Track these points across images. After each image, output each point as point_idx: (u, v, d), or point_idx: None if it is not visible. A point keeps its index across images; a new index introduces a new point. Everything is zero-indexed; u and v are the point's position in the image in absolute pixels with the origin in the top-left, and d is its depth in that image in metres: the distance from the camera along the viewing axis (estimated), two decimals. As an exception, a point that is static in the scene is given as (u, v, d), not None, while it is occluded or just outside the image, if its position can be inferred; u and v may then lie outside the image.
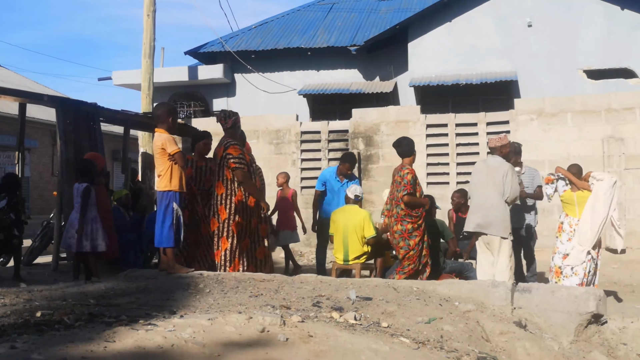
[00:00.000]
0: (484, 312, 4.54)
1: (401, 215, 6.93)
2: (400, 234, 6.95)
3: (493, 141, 7.42)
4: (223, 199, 6.69)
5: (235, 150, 6.67)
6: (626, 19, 13.10)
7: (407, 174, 6.98)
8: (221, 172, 6.72)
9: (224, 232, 6.66)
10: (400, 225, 6.94)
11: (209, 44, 16.17)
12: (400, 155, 7.25)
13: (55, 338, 2.99)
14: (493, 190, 6.98)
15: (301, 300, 4.29)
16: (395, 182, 7.09)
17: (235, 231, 6.64)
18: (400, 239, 6.95)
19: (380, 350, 3.24)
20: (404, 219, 6.92)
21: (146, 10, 13.14)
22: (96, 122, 8.81)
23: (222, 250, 6.64)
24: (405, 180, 6.91)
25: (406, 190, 6.87)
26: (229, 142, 6.77)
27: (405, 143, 7.28)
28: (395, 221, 6.98)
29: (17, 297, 4.27)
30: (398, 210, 6.97)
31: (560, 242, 7.63)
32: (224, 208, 6.67)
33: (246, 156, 6.82)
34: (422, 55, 13.91)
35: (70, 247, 7.21)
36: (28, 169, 21.91)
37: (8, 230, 7.50)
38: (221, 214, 6.68)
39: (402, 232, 6.94)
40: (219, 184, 6.75)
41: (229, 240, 6.66)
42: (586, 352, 4.38)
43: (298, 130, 13.19)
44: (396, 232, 6.97)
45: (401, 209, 6.93)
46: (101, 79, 17.19)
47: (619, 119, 11.55)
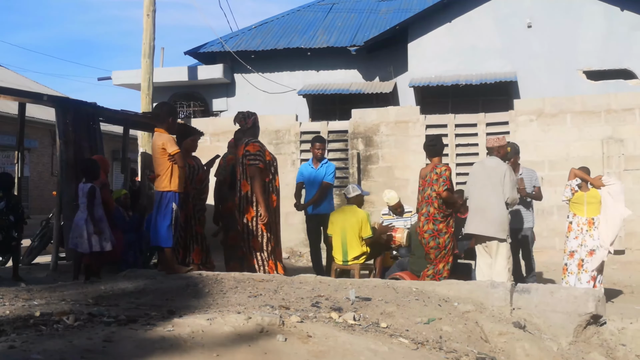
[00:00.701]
0: (483, 313, 4.54)
1: (433, 214, 6.89)
2: (430, 233, 6.89)
3: (491, 141, 7.43)
4: (249, 198, 6.74)
5: (254, 148, 6.78)
6: (626, 20, 13.10)
7: (444, 170, 6.95)
8: (245, 171, 6.79)
9: (253, 232, 6.69)
10: (432, 224, 6.89)
11: (208, 44, 16.16)
12: (433, 155, 7.19)
13: (54, 338, 2.99)
14: (491, 192, 6.97)
15: (300, 301, 4.29)
16: (429, 180, 6.99)
17: (264, 230, 6.68)
18: (431, 239, 6.89)
19: (379, 351, 3.24)
20: (436, 217, 6.88)
21: (146, 10, 13.14)
22: (96, 122, 8.80)
23: (255, 250, 6.68)
24: (444, 177, 6.88)
25: (446, 185, 6.83)
26: (249, 140, 6.90)
27: (439, 143, 7.27)
28: (426, 220, 6.92)
29: (16, 297, 4.27)
30: (429, 209, 6.92)
31: (568, 240, 7.71)
32: (251, 207, 6.71)
33: (266, 155, 6.88)
34: (422, 56, 13.91)
35: (77, 247, 7.12)
36: (28, 168, 21.91)
37: (7, 232, 7.50)
38: (247, 214, 6.71)
39: (433, 231, 6.89)
40: (244, 183, 6.80)
41: (258, 239, 6.70)
42: (585, 353, 4.38)
43: (298, 131, 13.19)
44: (426, 231, 6.91)
45: (434, 207, 6.89)
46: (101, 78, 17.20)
47: (619, 119, 11.55)
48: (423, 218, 6.95)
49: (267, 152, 6.98)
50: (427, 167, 7.20)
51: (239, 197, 6.80)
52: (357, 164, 12.60)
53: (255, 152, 6.74)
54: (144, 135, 12.67)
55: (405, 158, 12.39)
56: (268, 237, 6.70)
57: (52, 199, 16.46)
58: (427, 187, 6.99)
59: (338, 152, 12.97)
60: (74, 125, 8.32)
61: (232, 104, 15.57)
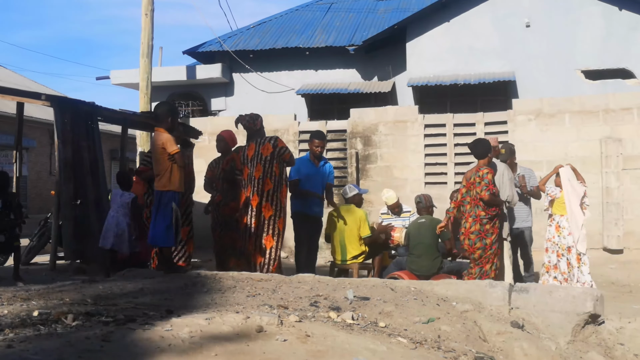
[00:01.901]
0: (481, 312, 4.55)
1: (480, 215, 6.92)
2: (477, 234, 6.93)
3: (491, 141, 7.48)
4: (270, 195, 6.79)
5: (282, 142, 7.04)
6: (624, 20, 13.12)
7: (487, 173, 6.97)
8: (270, 168, 6.85)
9: (270, 230, 6.72)
10: (479, 225, 6.92)
11: (207, 43, 16.16)
12: (477, 157, 7.19)
13: (52, 338, 2.99)
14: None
15: (299, 300, 4.28)
16: (473, 183, 7.01)
17: (281, 228, 6.75)
18: (477, 239, 6.92)
19: (377, 350, 3.24)
20: (483, 219, 6.92)
21: (144, 9, 13.12)
22: (94, 122, 8.79)
23: (268, 248, 6.70)
24: (487, 180, 6.91)
25: (489, 189, 6.87)
26: (275, 137, 7.07)
27: (481, 145, 7.24)
28: (474, 221, 6.95)
29: (14, 297, 4.26)
30: (476, 211, 6.94)
31: (562, 237, 7.74)
32: (270, 205, 6.76)
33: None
34: (421, 56, 13.92)
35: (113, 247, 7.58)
36: (26, 168, 21.88)
37: (9, 231, 7.48)
38: (265, 211, 6.74)
39: (480, 232, 6.93)
40: (267, 181, 6.84)
41: (274, 238, 6.71)
42: (583, 353, 4.38)
43: (296, 130, 13.18)
44: (473, 232, 6.94)
45: (481, 209, 6.92)
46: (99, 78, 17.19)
47: (617, 119, 11.56)
48: (470, 219, 6.97)
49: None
50: (472, 169, 7.22)
51: (259, 194, 6.80)
52: (355, 164, 12.60)
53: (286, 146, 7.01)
54: (142, 134, 12.66)
55: (404, 157, 12.39)
56: (281, 237, 6.77)
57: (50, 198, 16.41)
58: (471, 190, 7.01)
59: (336, 152, 12.96)
60: (72, 124, 8.31)
61: (231, 103, 15.57)
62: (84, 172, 8.29)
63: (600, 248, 11.38)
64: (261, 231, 6.72)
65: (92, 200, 8.27)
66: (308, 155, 8.05)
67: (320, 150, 8.00)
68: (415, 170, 12.37)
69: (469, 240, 6.96)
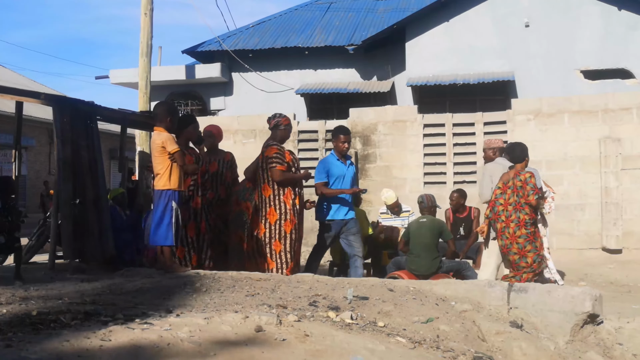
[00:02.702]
0: (480, 312, 4.55)
1: (524, 220, 6.89)
2: (526, 238, 6.89)
3: (497, 142, 7.57)
4: (271, 201, 6.72)
5: (270, 151, 6.80)
6: (623, 20, 13.13)
7: (530, 177, 6.95)
8: (265, 174, 6.79)
9: (276, 235, 6.65)
10: (525, 229, 6.89)
11: (206, 42, 16.15)
12: (514, 161, 7.18)
13: (51, 337, 2.99)
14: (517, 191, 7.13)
15: (298, 300, 4.28)
16: (511, 187, 6.99)
17: (288, 231, 6.65)
18: (527, 243, 6.89)
19: (376, 350, 3.24)
20: (527, 222, 6.90)
21: (143, 9, 13.11)
22: (93, 121, 8.76)
23: (277, 252, 6.64)
24: (532, 184, 6.89)
25: (535, 193, 6.87)
26: (267, 142, 6.95)
27: (519, 149, 7.23)
28: (517, 226, 6.90)
29: (13, 296, 4.26)
30: (519, 216, 6.90)
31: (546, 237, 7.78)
32: (274, 210, 6.68)
33: (286, 156, 6.87)
34: (420, 55, 13.92)
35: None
36: (25, 167, 21.89)
37: (9, 234, 7.48)
38: (270, 217, 6.67)
39: (528, 235, 6.90)
40: (265, 186, 6.77)
41: (281, 242, 6.64)
42: (582, 352, 4.38)
43: (295, 130, 13.16)
44: (520, 237, 6.89)
45: (524, 213, 6.89)
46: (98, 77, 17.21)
47: (616, 119, 11.56)
48: (513, 224, 6.91)
49: (287, 153, 6.96)
50: (509, 172, 7.17)
51: (260, 200, 6.77)
52: (354, 163, 12.59)
53: (272, 155, 6.75)
54: (142, 134, 12.64)
55: (403, 157, 12.39)
56: (293, 239, 6.68)
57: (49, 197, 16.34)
58: (511, 194, 6.96)
59: (336, 151, 12.96)
60: (72, 124, 8.29)
61: (230, 102, 15.57)
62: (83, 171, 8.27)
63: (599, 248, 11.39)
64: (271, 237, 6.67)
65: (91, 200, 8.25)
66: (333, 154, 7.47)
67: (347, 146, 7.51)
68: (415, 170, 12.36)
69: (518, 244, 6.90)
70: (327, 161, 7.43)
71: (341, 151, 7.39)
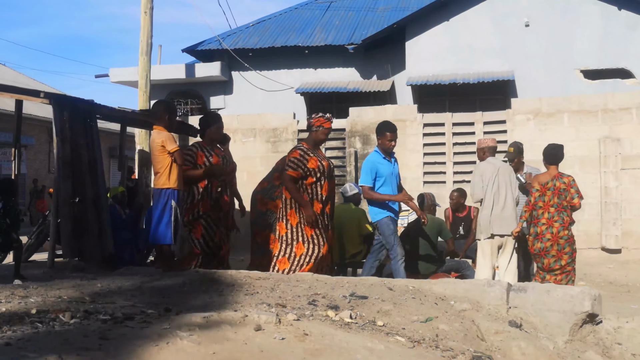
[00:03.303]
0: (479, 312, 4.55)
1: (568, 221, 7.03)
2: (567, 239, 7.02)
3: (491, 142, 7.54)
4: (293, 203, 6.51)
5: (292, 154, 6.64)
6: (623, 19, 13.13)
7: (573, 180, 7.11)
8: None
9: (299, 237, 6.45)
10: (567, 231, 7.03)
11: (206, 41, 16.15)
12: (554, 162, 7.27)
13: (50, 335, 2.99)
14: (508, 191, 7.22)
15: (297, 299, 4.28)
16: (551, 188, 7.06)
17: (309, 235, 6.44)
18: (567, 244, 7.02)
19: (375, 349, 3.24)
20: (570, 224, 7.07)
21: (143, 7, 13.10)
22: (93, 120, 8.77)
23: (298, 256, 6.44)
24: (576, 187, 7.04)
25: (580, 196, 7.01)
26: (297, 145, 6.86)
27: (561, 151, 7.38)
28: (561, 227, 7.00)
29: (12, 294, 4.26)
30: (563, 217, 7.01)
31: None
32: (295, 212, 6.50)
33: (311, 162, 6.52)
34: (420, 55, 13.92)
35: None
36: (24, 166, 21.88)
37: (7, 234, 7.48)
38: (291, 219, 6.49)
39: (569, 237, 7.04)
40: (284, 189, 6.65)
41: (305, 245, 6.44)
42: (581, 352, 4.38)
43: (295, 129, 13.18)
44: (562, 237, 7.00)
45: (567, 215, 7.01)
46: (98, 76, 17.16)
47: (616, 119, 11.57)
48: (557, 225, 7.01)
49: (315, 159, 6.59)
50: (545, 174, 7.27)
51: (283, 200, 6.62)
52: (354, 163, 12.60)
53: (290, 159, 6.57)
54: (141, 132, 12.65)
55: (403, 157, 12.36)
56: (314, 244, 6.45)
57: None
58: (551, 195, 7.04)
59: (335, 151, 12.97)
60: (71, 122, 8.29)
61: (230, 101, 15.57)
62: (82, 170, 8.28)
63: (599, 248, 11.40)
64: (291, 239, 6.49)
65: (90, 198, 8.26)
66: (378, 152, 7.03)
67: (395, 144, 7.04)
68: (414, 169, 12.37)
69: (558, 245, 7.00)
70: (374, 160, 6.97)
71: (388, 149, 6.97)
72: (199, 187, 6.64)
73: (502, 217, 7.23)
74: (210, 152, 6.75)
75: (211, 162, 6.68)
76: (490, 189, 7.24)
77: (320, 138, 6.79)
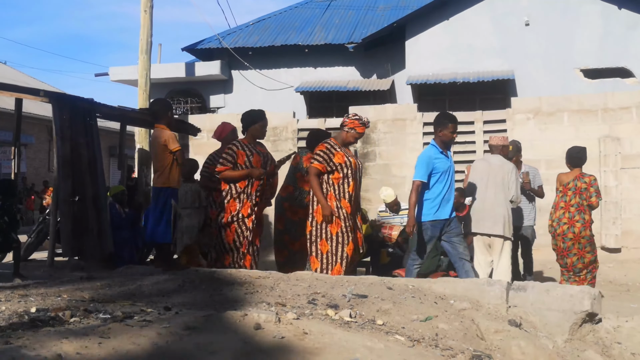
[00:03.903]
0: (479, 311, 4.55)
1: (590, 221, 7.12)
2: (588, 239, 7.11)
3: (495, 140, 7.38)
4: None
5: (318, 147, 6.39)
6: (623, 19, 13.13)
7: (594, 180, 7.19)
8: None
9: (322, 234, 6.27)
10: (589, 230, 7.12)
11: (206, 40, 16.14)
12: (576, 164, 7.36)
13: (50, 334, 2.99)
14: (497, 190, 6.97)
15: (296, 298, 4.28)
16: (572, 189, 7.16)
17: (334, 233, 6.24)
18: (588, 244, 7.11)
19: (375, 348, 3.24)
20: (591, 223, 7.15)
21: (143, 6, 13.10)
22: (93, 118, 8.77)
23: (323, 253, 6.27)
24: (596, 186, 7.14)
25: (598, 196, 7.11)
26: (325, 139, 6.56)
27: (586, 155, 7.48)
28: (583, 227, 7.09)
29: (12, 293, 4.26)
30: (584, 217, 7.10)
31: None
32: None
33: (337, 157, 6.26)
34: (420, 54, 13.92)
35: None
36: (24, 164, 21.87)
37: (6, 234, 7.48)
38: (317, 215, 6.28)
39: (590, 237, 7.14)
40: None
41: (328, 242, 6.26)
42: (581, 351, 4.38)
43: (295, 128, 13.18)
44: (584, 237, 7.09)
45: (588, 215, 7.10)
46: (98, 74, 17.14)
47: (616, 118, 11.56)
48: (579, 225, 7.09)
49: (341, 153, 6.32)
50: (567, 174, 7.35)
51: (311, 199, 6.44)
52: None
53: (316, 152, 6.34)
54: (141, 131, 12.65)
55: (403, 156, 12.38)
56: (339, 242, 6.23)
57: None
58: (572, 195, 7.14)
59: (335, 150, 12.96)
60: (71, 121, 8.29)
61: (230, 100, 15.57)
62: (82, 168, 8.27)
63: (598, 247, 11.35)
64: (315, 236, 6.31)
65: (90, 197, 8.26)
66: (435, 146, 6.58)
67: (456, 136, 6.66)
68: (414, 168, 12.35)
69: (579, 244, 7.08)
70: (430, 155, 6.52)
71: (449, 141, 6.56)
72: (237, 186, 6.39)
73: (482, 216, 7.02)
74: (251, 151, 6.47)
75: (252, 161, 6.40)
76: (478, 186, 7.16)
77: (349, 140, 6.50)
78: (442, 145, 6.52)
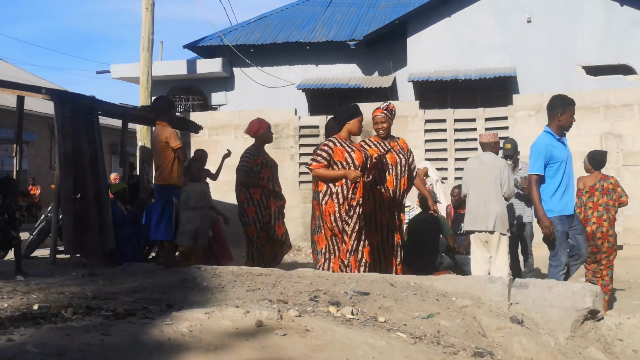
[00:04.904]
0: (480, 308, 4.55)
1: (613, 219, 7.43)
2: (615, 237, 7.48)
3: (486, 137, 7.43)
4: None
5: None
6: (625, 15, 13.10)
7: (617, 180, 7.58)
8: None
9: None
10: (614, 230, 7.46)
11: (207, 37, 16.14)
12: (599, 167, 7.55)
13: (52, 331, 2.99)
14: (490, 187, 6.97)
15: (298, 295, 4.28)
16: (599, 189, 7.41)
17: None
18: (615, 243, 7.48)
19: (377, 345, 3.24)
20: (615, 221, 7.53)
21: (145, 3, 13.10)
22: (94, 116, 8.78)
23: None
24: (621, 186, 7.52)
25: (625, 194, 7.46)
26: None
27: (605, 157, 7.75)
28: (610, 225, 7.37)
29: (14, 290, 4.27)
30: (610, 215, 7.38)
31: None
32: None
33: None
34: (421, 51, 13.90)
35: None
36: (26, 162, 21.88)
37: (5, 232, 7.49)
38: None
39: (616, 236, 7.54)
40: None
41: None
42: (582, 348, 4.38)
43: (296, 125, 13.18)
44: (612, 235, 7.38)
45: (613, 214, 7.41)
46: (99, 72, 17.15)
47: (617, 115, 11.55)
48: (606, 224, 7.35)
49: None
50: (590, 177, 7.55)
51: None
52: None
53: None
54: (143, 128, 12.66)
55: (404, 153, 12.36)
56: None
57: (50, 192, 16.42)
58: (599, 195, 7.40)
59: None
60: (72, 118, 8.31)
61: (231, 97, 15.57)
62: (83, 166, 8.29)
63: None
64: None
65: (92, 194, 8.27)
66: (550, 133, 5.91)
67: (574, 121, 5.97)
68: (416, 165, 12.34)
69: (608, 242, 7.36)
70: (546, 143, 5.81)
71: (568, 126, 5.93)
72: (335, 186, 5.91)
73: (477, 213, 7.00)
74: (351, 148, 5.94)
75: (354, 158, 5.87)
76: (471, 184, 7.15)
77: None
78: (559, 132, 5.88)
